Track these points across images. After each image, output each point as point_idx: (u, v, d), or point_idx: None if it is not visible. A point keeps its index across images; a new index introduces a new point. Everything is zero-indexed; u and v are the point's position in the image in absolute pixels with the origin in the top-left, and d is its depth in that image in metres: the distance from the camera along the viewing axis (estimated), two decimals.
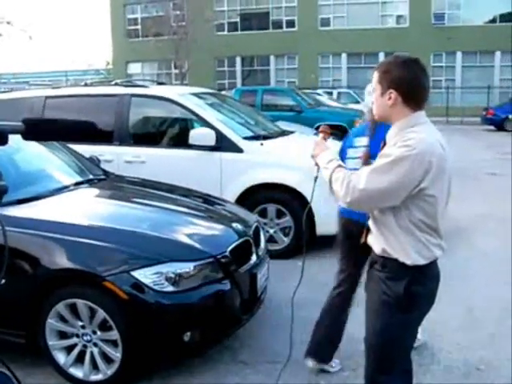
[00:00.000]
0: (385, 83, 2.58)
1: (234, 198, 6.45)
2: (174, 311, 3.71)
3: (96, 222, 4.10)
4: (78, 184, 4.90)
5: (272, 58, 39.00)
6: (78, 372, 3.81)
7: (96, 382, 3.78)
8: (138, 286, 3.60)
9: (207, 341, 3.94)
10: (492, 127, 25.65)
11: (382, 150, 2.64)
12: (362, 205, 2.59)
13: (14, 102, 7.37)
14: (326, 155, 2.75)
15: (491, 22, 35.09)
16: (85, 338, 3.75)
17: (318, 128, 3.07)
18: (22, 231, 3.84)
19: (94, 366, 3.77)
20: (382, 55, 32.29)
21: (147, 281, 3.60)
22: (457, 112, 29.94)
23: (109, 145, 6.86)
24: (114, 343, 3.68)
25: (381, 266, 2.66)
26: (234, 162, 6.60)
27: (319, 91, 24.78)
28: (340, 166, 2.65)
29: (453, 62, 35.72)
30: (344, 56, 37.55)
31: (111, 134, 6.96)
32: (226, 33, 39.10)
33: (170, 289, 3.64)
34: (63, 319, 3.77)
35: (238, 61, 39.93)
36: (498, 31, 33.14)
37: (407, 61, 2.59)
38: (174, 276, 3.65)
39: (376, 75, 2.64)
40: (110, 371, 3.72)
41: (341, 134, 14.46)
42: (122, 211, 4.64)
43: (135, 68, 42.05)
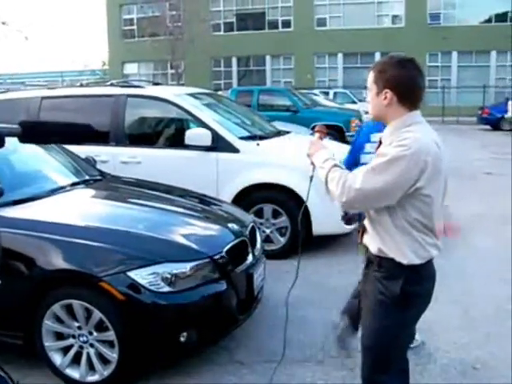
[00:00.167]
0: (380, 83, 2.59)
1: (231, 198, 6.44)
2: (171, 312, 3.71)
3: (92, 222, 4.10)
4: (73, 185, 4.89)
5: (268, 58, 39.02)
6: (74, 373, 3.80)
7: (92, 382, 3.77)
8: (134, 286, 3.59)
9: (204, 341, 3.94)
10: (488, 127, 25.73)
11: (377, 149, 2.64)
12: (358, 204, 2.59)
13: (9, 103, 7.37)
14: (322, 154, 2.74)
15: (487, 21, 35.18)
16: (81, 338, 3.74)
17: (313, 128, 3.06)
18: (17, 232, 3.84)
19: (91, 367, 3.76)
20: (377, 55, 32.30)
21: (143, 281, 3.60)
22: (452, 112, 30.01)
23: (105, 145, 6.84)
24: (110, 344, 3.67)
25: (377, 266, 2.66)
26: (230, 162, 6.60)
27: (315, 91, 24.78)
28: (336, 165, 2.64)
29: (448, 61, 35.81)
30: (340, 56, 37.61)
31: (107, 134, 6.95)
32: (222, 33, 39.11)
33: (167, 289, 3.64)
34: (59, 320, 3.76)
35: (234, 61, 39.95)
36: (494, 31, 33.23)
37: (402, 61, 2.60)
38: (170, 276, 3.65)
39: (371, 75, 2.64)
40: (107, 372, 3.71)
41: (337, 134, 14.52)
42: (118, 212, 4.63)
43: (131, 68, 42.03)
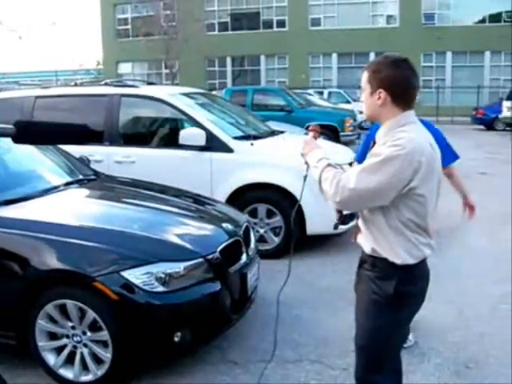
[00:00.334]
0: (374, 83, 2.59)
1: (225, 198, 6.44)
2: (164, 311, 3.70)
3: (86, 222, 4.09)
4: (67, 184, 4.88)
5: (262, 58, 39.01)
6: (68, 373, 3.79)
7: (86, 382, 3.76)
8: (127, 286, 3.59)
9: (197, 341, 3.93)
10: (482, 127, 25.79)
11: (371, 149, 2.64)
12: (352, 204, 2.58)
13: (3, 103, 7.34)
14: (316, 154, 2.73)
15: (481, 22, 35.25)
16: (75, 338, 3.74)
17: (308, 128, 3.06)
18: (11, 232, 3.84)
19: (84, 367, 3.75)
20: (372, 55, 32.34)
21: (137, 281, 3.59)
22: (447, 112, 30.05)
23: (99, 145, 6.82)
24: (104, 344, 3.66)
25: (370, 266, 2.66)
26: (224, 162, 6.59)
27: (310, 91, 24.78)
28: (330, 164, 2.64)
29: (443, 61, 35.87)
30: (334, 56, 37.62)
31: (101, 134, 6.93)
32: (217, 33, 39.08)
33: (160, 289, 3.63)
34: (53, 320, 3.75)
35: (229, 61, 39.93)
36: (488, 31, 33.32)
37: (397, 61, 2.59)
38: (164, 276, 3.64)
39: (365, 75, 2.64)
40: (100, 372, 3.70)
41: (331, 133, 14.53)
42: (112, 211, 4.62)
43: (125, 68, 41.96)
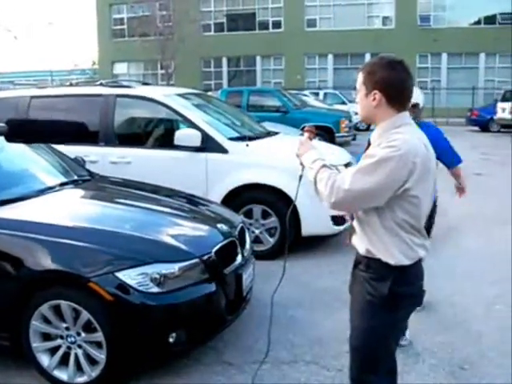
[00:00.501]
0: (369, 84, 2.59)
1: (220, 199, 6.44)
2: (159, 312, 3.70)
3: (80, 222, 4.08)
4: (62, 185, 4.87)
5: (258, 59, 39.00)
6: (62, 374, 3.78)
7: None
8: (122, 287, 3.58)
9: (192, 342, 3.93)
10: (477, 128, 25.82)
11: (366, 150, 2.65)
12: (347, 205, 2.58)
13: None
14: (311, 155, 2.73)
15: (476, 24, 35.32)
16: (69, 339, 3.72)
17: (303, 129, 3.06)
18: (5, 232, 3.83)
19: (79, 368, 3.74)
20: (368, 56, 32.32)
21: (132, 282, 3.59)
22: (442, 113, 30.06)
23: (94, 145, 6.81)
24: (98, 345, 3.65)
25: (365, 267, 2.66)
26: (219, 163, 6.59)
27: (305, 92, 24.78)
28: (325, 165, 2.64)
29: (438, 63, 35.93)
30: (330, 57, 37.63)
31: (96, 134, 6.93)
32: (213, 33, 39.05)
33: (155, 290, 3.63)
34: (47, 321, 3.74)
35: (225, 61, 39.90)
36: (483, 33, 33.41)
37: (392, 62, 2.59)
38: (158, 277, 3.64)
39: (361, 76, 2.64)
40: (95, 373, 3.69)
41: (326, 135, 14.53)
42: (107, 212, 4.61)
43: (121, 68, 41.88)
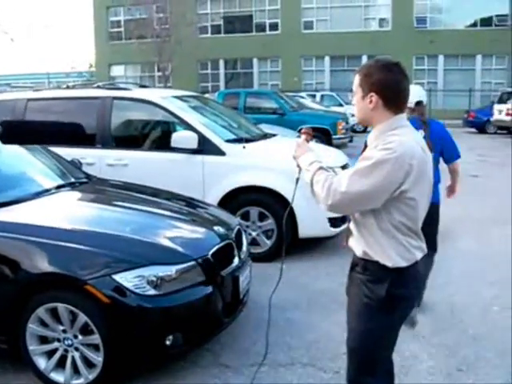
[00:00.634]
0: (366, 86, 2.59)
1: (217, 201, 6.43)
2: (156, 315, 3.69)
3: (77, 225, 4.08)
4: (59, 187, 4.87)
5: (255, 61, 39.03)
6: (59, 377, 3.77)
7: None
8: (119, 289, 3.58)
9: (189, 344, 3.92)
10: (473, 130, 25.87)
11: (363, 152, 2.65)
12: (343, 207, 2.58)
13: None
14: (308, 157, 2.74)
15: (472, 26, 35.40)
16: (66, 342, 3.72)
17: (300, 131, 3.07)
18: (2, 235, 3.82)
19: (76, 371, 3.73)
20: (364, 58, 32.39)
21: (129, 284, 3.58)
22: (439, 114, 29.79)
23: (91, 148, 6.81)
24: (95, 347, 3.65)
25: (362, 269, 2.66)
26: (216, 165, 6.59)
27: (302, 94, 24.79)
28: (321, 168, 2.64)
29: (435, 65, 36.00)
30: (327, 59, 37.68)
31: (93, 136, 6.92)
32: (210, 35, 39.07)
33: (152, 292, 3.62)
34: (44, 324, 3.73)
35: (222, 64, 39.91)
36: (479, 35, 33.49)
37: (388, 64, 2.59)
38: (155, 279, 3.64)
39: (357, 78, 2.64)
40: (92, 376, 3.68)
41: (323, 136, 14.55)
42: (104, 215, 4.61)
43: (118, 70, 41.88)
